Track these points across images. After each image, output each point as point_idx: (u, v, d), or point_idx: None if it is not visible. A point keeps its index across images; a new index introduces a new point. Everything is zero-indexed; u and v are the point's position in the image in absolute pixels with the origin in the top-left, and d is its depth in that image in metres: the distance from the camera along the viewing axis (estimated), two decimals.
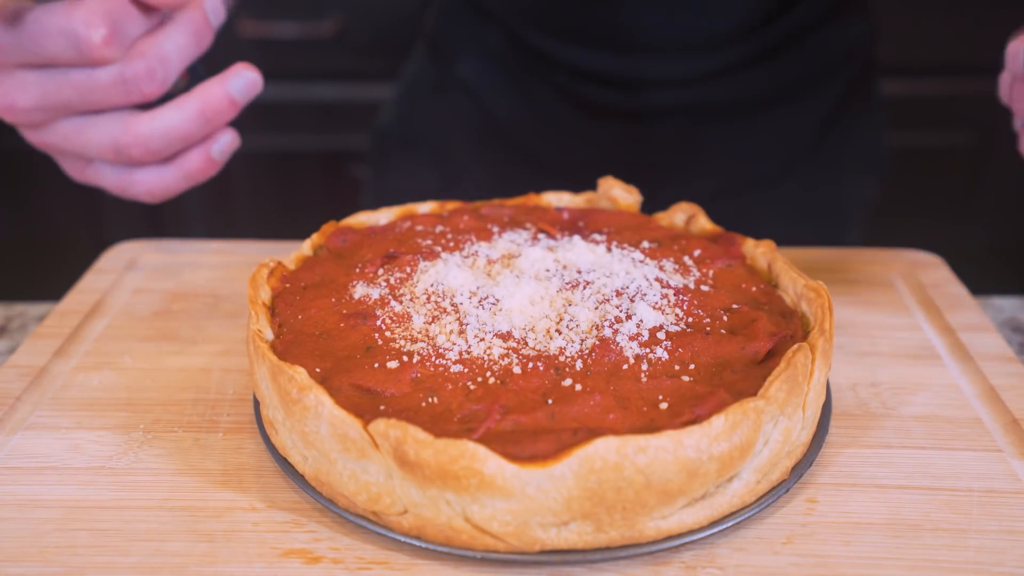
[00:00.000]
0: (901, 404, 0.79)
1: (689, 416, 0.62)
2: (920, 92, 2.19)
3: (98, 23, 0.72)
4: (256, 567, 0.62)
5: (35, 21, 0.73)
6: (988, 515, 0.66)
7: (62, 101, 0.76)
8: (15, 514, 0.66)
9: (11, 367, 0.83)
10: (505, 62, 1.30)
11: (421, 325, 0.73)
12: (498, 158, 1.35)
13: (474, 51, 1.32)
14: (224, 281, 1.00)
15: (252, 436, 0.75)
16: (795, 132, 1.30)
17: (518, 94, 1.31)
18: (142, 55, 0.75)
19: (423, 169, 1.38)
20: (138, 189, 0.82)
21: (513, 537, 0.60)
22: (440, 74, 1.37)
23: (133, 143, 0.78)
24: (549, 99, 1.30)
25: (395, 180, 1.41)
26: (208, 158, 0.83)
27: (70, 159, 0.83)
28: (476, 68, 1.33)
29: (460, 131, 1.36)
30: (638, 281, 0.78)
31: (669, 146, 1.28)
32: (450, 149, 1.38)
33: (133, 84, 0.76)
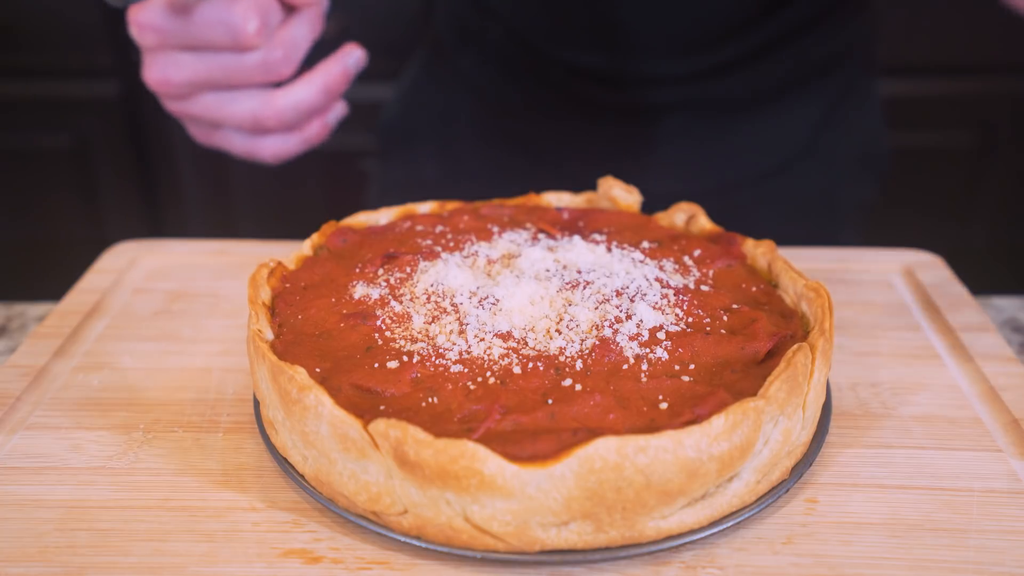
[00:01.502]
0: (901, 404, 0.79)
1: (689, 416, 0.62)
2: (920, 92, 2.19)
3: (252, 16, 0.85)
4: (256, 567, 0.62)
5: (200, 12, 0.86)
6: (988, 515, 0.66)
7: (212, 79, 0.89)
8: (15, 514, 0.66)
9: (11, 367, 0.83)
10: (505, 58, 1.32)
11: (421, 325, 0.73)
12: (499, 152, 1.37)
13: (475, 47, 1.34)
14: (224, 281, 1.00)
15: (252, 436, 0.75)
16: (791, 130, 1.30)
17: (518, 90, 1.32)
18: (281, 43, 0.89)
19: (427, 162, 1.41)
20: (264, 153, 0.95)
21: (513, 537, 0.60)
22: (442, 71, 1.39)
23: (272, 116, 0.91)
24: (546, 95, 1.31)
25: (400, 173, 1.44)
26: (325, 125, 0.96)
27: (201, 125, 0.96)
28: (477, 64, 1.35)
29: (461, 126, 1.38)
30: (638, 281, 0.78)
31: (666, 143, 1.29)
32: (452, 142, 1.40)
33: (273, 67, 0.89)
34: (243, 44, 0.86)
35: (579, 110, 1.30)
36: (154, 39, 0.89)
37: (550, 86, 1.30)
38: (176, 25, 0.87)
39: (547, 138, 1.34)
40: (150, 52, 0.91)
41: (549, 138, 1.34)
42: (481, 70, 1.34)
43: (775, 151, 1.30)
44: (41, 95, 2.19)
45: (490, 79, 1.34)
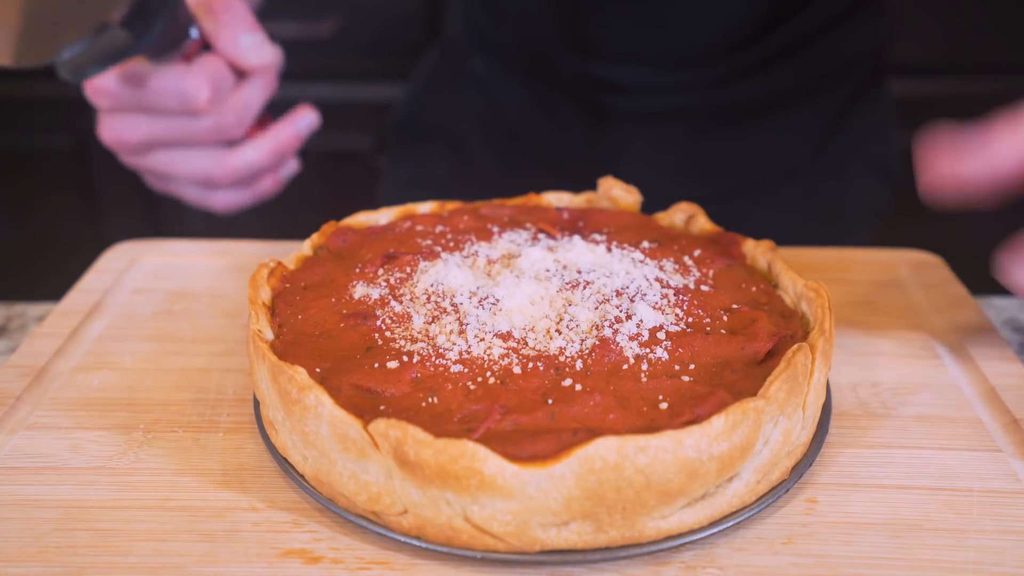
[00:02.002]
0: (901, 404, 0.79)
1: (689, 416, 0.62)
2: (922, 92, 2.19)
3: (204, 86, 0.89)
4: (256, 567, 0.62)
5: (153, 81, 0.89)
6: (988, 515, 0.66)
7: (164, 139, 0.94)
8: (15, 514, 0.66)
9: (11, 367, 0.83)
10: (515, 61, 1.34)
11: (421, 325, 0.73)
12: (506, 151, 1.39)
13: (487, 49, 1.36)
14: (224, 281, 1.00)
15: (252, 436, 0.75)
16: (799, 136, 1.30)
17: (526, 92, 1.34)
18: (233, 107, 0.93)
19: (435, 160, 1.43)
20: (216, 206, 1.02)
21: (513, 537, 0.60)
22: (453, 71, 1.41)
23: (222, 175, 0.96)
24: (552, 98, 1.32)
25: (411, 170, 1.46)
26: (277, 180, 1.02)
27: (155, 177, 1.01)
28: (487, 64, 1.37)
29: (471, 125, 1.40)
30: (638, 281, 0.78)
31: (672, 149, 1.29)
32: (461, 141, 1.42)
33: (225, 130, 0.94)
34: (195, 111, 0.90)
35: (586, 114, 1.31)
36: (108, 102, 0.92)
37: (558, 91, 1.31)
38: (130, 91, 0.90)
39: (554, 140, 1.35)
40: (105, 113, 0.94)
41: (556, 140, 1.35)
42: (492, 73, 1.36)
43: (783, 158, 1.31)
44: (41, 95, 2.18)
45: (500, 82, 1.36)
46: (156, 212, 2.35)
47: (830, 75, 1.29)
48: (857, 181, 1.37)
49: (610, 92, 1.27)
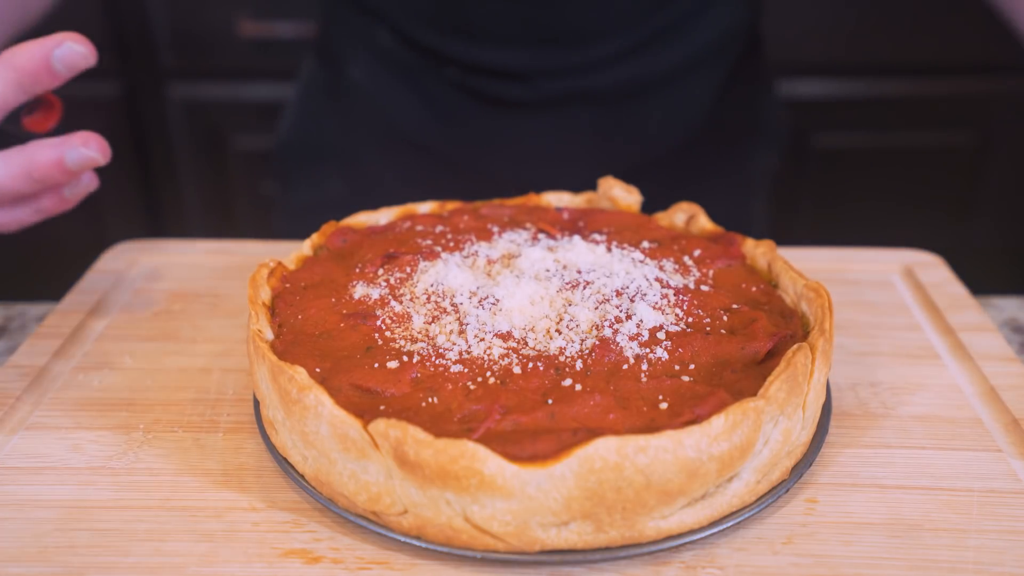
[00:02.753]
0: (901, 404, 0.79)
1: (689, 416, 0.62)
2: (920, 92, 2.19)
3: None
4: (256, 567, 0.62)
5: None
6: (988, 515, 0.66)
7: None
8: (15, 514, 0.66)
9: (11, 367, 0.83)
10: (396, 61, 1.28)
11: (421, 325, 0.73)
12: (404, 160, 1.32)
13: (364, 52, 1.30)
14: (224, 281, 1.00)
15: (252, 436, 0.75)
16: (690, 109, 1.31)
17: (413, 93, 1.29)
18: None
19: (330, 179, 1.35)
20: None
21: (513, 537, 0.60)
22: (333, 79, 1.34)
23: None
24: (444, 95, 1.27)
25: (303, 194, 1.38)
26: (61, 199, 0.84)
27: None
28: (368, 70, 1.30)
29: (361, 136, 1.33)
30: (638, 281, 0.78)
31: (569, 133, 1.28)
32: (355, 156, 1.35)
33: None
34: None
35: (479, 107, 1.27)
36: None
37: (446, 85, 1.26)
38: None
39: (450, 139, 1.31)
40: None
41: (452, 139, 1.30)
42: (373, 78, 1.30)
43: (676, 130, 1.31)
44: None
45: (385, 86, 1.30)
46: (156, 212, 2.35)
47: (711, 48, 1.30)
48: (749, 148, 1.39)
49: (502, 81, 1.24)
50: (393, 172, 1.33)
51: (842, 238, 1.23)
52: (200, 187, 2.31)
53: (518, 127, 1.28)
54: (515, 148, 1.29)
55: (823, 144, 2.23)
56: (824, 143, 2.23)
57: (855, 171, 2.26)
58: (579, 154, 1.30)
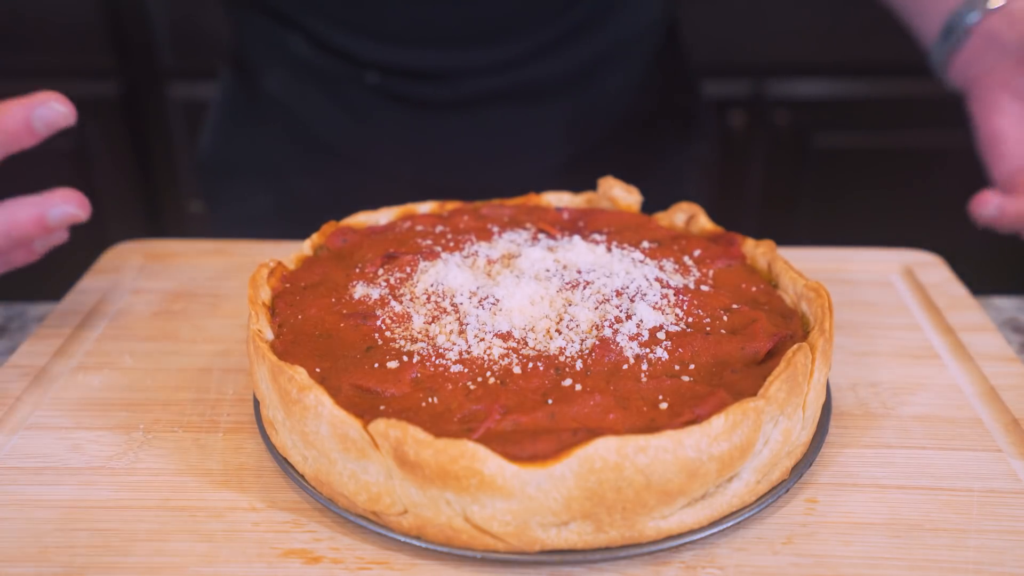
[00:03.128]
0: (901, 404, 0.79)
1: (689, 416, 0.62)
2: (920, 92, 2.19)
3: None
4: (256, 567, 0.62)
5: None
6: (988, 515, 0.66)
7: None
8: (15, 514, 0.66)
9: (11, 367, 0.83)
10: (313, 70, 1.25)
11: (421, 325, 0.73)
12: (327, 169, 1.30)
13: (279, 63, 1.27)
14: (224, 281, 1.00)
15: (252, 436, 0.75)
16: (614, 103, 1.31)
17: (332, 102, 1.26)
18: None
19: (254, 195, 1.33)
20: None
21: (513, 537, 0.60)
22: (250, 94, 1.31)
23: None
24: (362, 101, 1.25)
25: (228, 210, 1.36)
26: (31, 251, 0.84)
27: None
28: (285, 81, 1.27)
29: (283, 149, 1.31)
30: (638, 281, 0.78)
31: (496, 132, 1.27)
32: (279, 170, 1.32)
33: None
34: None
35: (401, 112, 1.25)
36: None
37: (364, 91, 1.24)
38: None
39: (371, 146, 1.28)
40: None
41: (378, 147, 1.28)
42: (289, 86, 1.27)
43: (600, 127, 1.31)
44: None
45: (301, 94, 1.27)
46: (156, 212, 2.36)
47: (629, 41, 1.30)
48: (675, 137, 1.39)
49: (422, 82, 1.22)
50: (320, 184, 1.30)
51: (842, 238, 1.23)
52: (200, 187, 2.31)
53: (442, 129, 1.26)
54: (441, 151, 1.27)
55: (823, 144, 2.23)
56: (824, 143, 2.23)
57: (855, 171, 2.26)
58: (506, 153, 1.28)
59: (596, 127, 1.32)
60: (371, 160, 1.29)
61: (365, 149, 1.29)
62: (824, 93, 2.18)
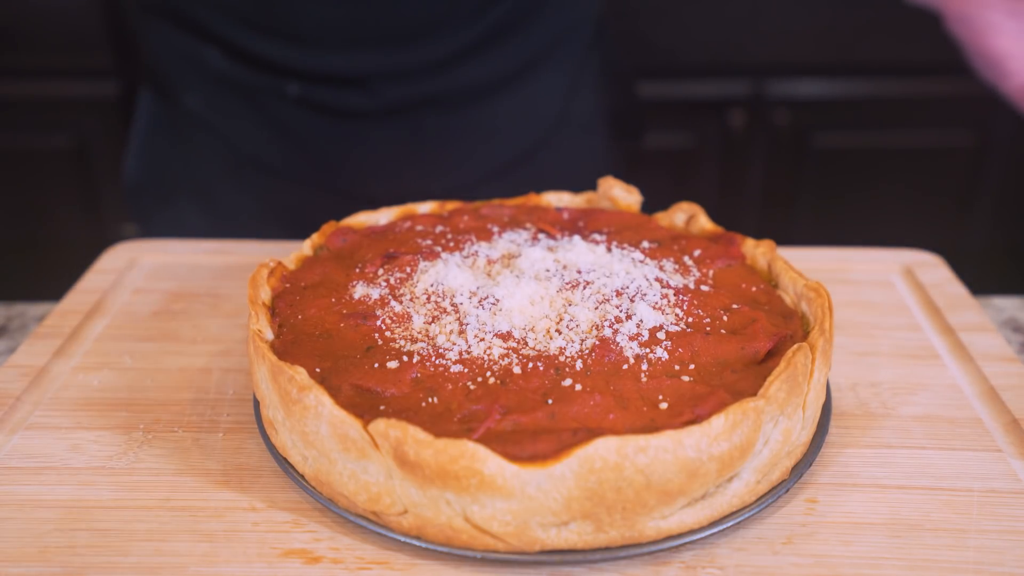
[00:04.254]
0: (901, 404, 0.79)
1: (689, 416, 0.62)
2: (920, 92, 2.19)
3: None
4: (256, 567, 0.62)
5: None
6: (988, 515, 0.66)
7: None
8: (15, 514, 0.66)
9: (11, 367, 0.83)
10: (232, 85, 1.23)
11: (421, 325, 0.73)
12: (258, 184, 1.29)
13: (198, 79, 1.24)
14: (224, 281, 1.00)
15: (252, 436, 0.75)
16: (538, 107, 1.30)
17: (254, 117, 1.24)
18: None
19: (188, 217, 1.32)
20: None
21: (513, 537, 0.60)
22: (171, 113, 1.29)
23: None
24: (285, 112, 1.24)
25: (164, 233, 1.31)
26: None
27: None
28: (204, 98, 1.25)
29: (209, 167, 1.29)
30: (638, 281, 0.78)
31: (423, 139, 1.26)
32: (208, 190, 1.30)
33: None
34: None
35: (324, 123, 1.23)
36: None
37: (286, 102, 1.23)
38: None
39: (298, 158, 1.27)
40: None
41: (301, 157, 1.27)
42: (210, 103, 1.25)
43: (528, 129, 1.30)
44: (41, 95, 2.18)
45: (222, 111, 1.25)
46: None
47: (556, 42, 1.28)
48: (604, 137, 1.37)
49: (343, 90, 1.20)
50: (249, 199, 1.29)
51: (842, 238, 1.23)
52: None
53: (366, 139, 1.24)
54: (366, 161, 1.25)
55: (823, 144, 2.23)
56: (824, 143, 2.23)
57: (855, 171, 2.26)
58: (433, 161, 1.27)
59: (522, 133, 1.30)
60: (301, 174, 1.28)
61: (293, 163, 1.27)
62: (824, 93, 2.18)
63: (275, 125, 1.24)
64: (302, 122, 1.23)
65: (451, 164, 1.28)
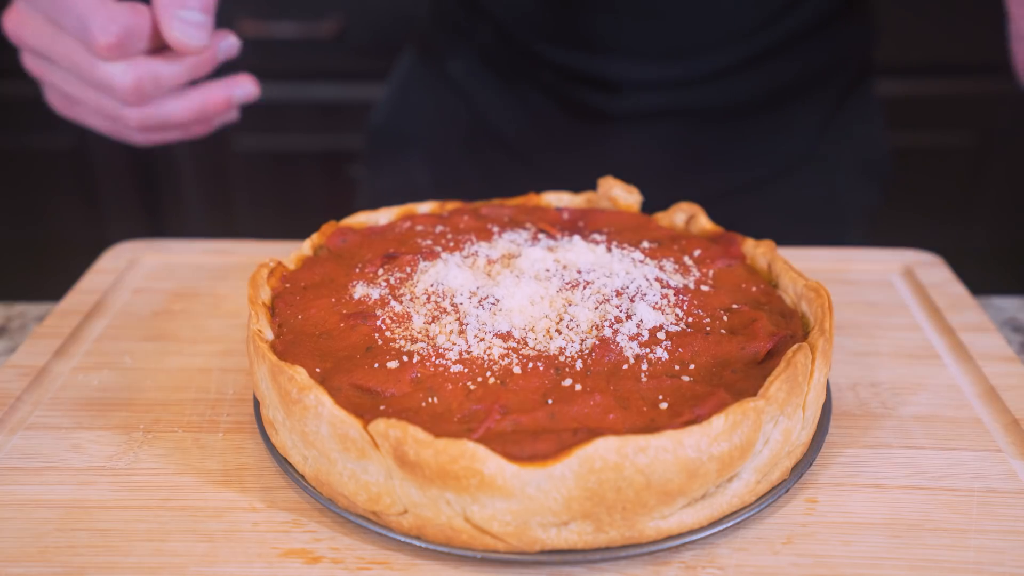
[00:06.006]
0: (901, 404, 0.79)
1: (689, 416, 0.62)
2: (920, 92, 2.19)
3: (111, 31, 0.80)
4: (256, 567, 0.62)
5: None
6: (988, 515, 0.66)
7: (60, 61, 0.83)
8: (15, 514, 0.66)
9: (11, 367, 0.83)
10: (494, 61, 1.30)
11: (421, 325, 0.73)
12: (490, 158, 1.35)
13: (464, 50, 1.32)
14: (224, 281, 1.00)
15: (252, 436, 0.75)
16: (791, 136, 1.29)
17: (507, 94, 1.30)
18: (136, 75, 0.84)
19: (416, 168, 1.38)
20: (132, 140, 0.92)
21: (513, 537, 0.60)
22: (431, 73, 1.37)
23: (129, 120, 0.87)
24: (537, 99, 1.29)
25: (389, 179, 1.41)
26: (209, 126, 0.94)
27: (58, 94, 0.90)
28: (466, 67, 1.32)
29: (451, 131, 1.36)
30: (638, 281, 0.78)
31: (663, 149, 1.27)
32: (442, 148, 1.37)
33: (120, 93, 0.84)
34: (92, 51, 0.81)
35: (572, 115, 1.28)
36: None
37: (541, 90, 1.28)
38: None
39: (539, 146, 1.32)
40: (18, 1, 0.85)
41: (541, 146, 1.32)
42: (470, 73, 1.32)
43: (775, 158, 1.30)
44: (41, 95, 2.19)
45: (481, 85, 1.31)
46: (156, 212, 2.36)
47: (821, 73, 1.28)
48: (848, 181, 1.35)
49: (599, 91, 1.24)
50: (478, 169, 1.35)
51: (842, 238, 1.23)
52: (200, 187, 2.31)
53: (606, 138, 1.27)
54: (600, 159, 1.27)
55: None
56: None
57: None
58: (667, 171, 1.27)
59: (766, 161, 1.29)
60: (533, 155, 1.32)
61: (530, 144, 1.32)
62: None
63: (524, 106, 1.30)
64: (549, 110, 1.28)
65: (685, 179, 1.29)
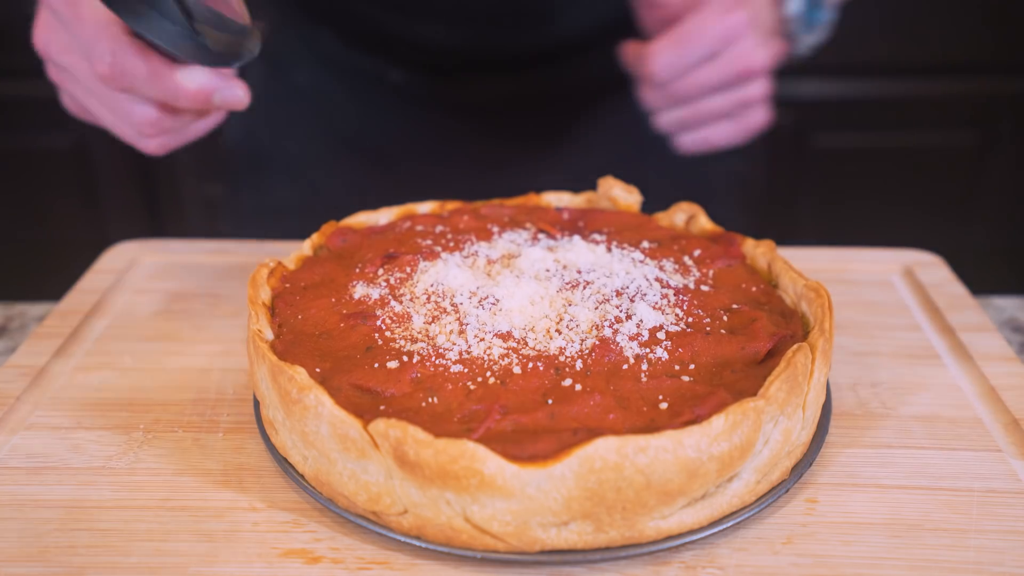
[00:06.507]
0: (901, 404, 0.79)
1: (689, 416, 0.62)
2: (920, 92, 2.19)
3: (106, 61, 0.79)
4: (256, 567, 0.62)
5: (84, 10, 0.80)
6: (988, 515, 0.66)
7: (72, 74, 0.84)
8: (15, 514, 0.66)
9: (11, 367, 0.83)
10: (341, 67, 1.26)
11: (421, 325, 0.73)
12: (352, 168, 1.31)
13: (309, 58, 1.28)
14: (224, 281, 1.00)
15: (252, 436, 0.75)
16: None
17: (358, 99, 1.27)
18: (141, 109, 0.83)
19: (278, 186, 1.34)
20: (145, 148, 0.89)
21: (513, 537, 0.60)
22: (279, 85, 1.32)
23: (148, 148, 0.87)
24: (389, 101, 1.26)
25: (251, 198, 1.36)
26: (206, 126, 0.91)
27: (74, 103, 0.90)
28: (313, 76, 1.28)
29: (309, 143, 1.32)
30: (638, 281, 0.78)
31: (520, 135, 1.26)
32: (302, 162, 1.33)
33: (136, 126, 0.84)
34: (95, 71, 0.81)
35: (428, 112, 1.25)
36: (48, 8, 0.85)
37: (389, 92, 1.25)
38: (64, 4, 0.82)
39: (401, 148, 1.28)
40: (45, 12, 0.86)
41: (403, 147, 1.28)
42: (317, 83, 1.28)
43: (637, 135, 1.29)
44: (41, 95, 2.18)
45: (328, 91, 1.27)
46: (156, 212, 2.36)
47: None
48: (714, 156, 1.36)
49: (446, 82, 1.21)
50: (342, 181, 1.31)
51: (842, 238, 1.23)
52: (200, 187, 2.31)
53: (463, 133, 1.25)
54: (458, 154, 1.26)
55: (823, 144, 2.23)
56: (824, 143, 2.23)
57: (855, 171, 2.26)
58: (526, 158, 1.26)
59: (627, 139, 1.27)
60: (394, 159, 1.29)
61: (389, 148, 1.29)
62: (825, 93, 2.18)
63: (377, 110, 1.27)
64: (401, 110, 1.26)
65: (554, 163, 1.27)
